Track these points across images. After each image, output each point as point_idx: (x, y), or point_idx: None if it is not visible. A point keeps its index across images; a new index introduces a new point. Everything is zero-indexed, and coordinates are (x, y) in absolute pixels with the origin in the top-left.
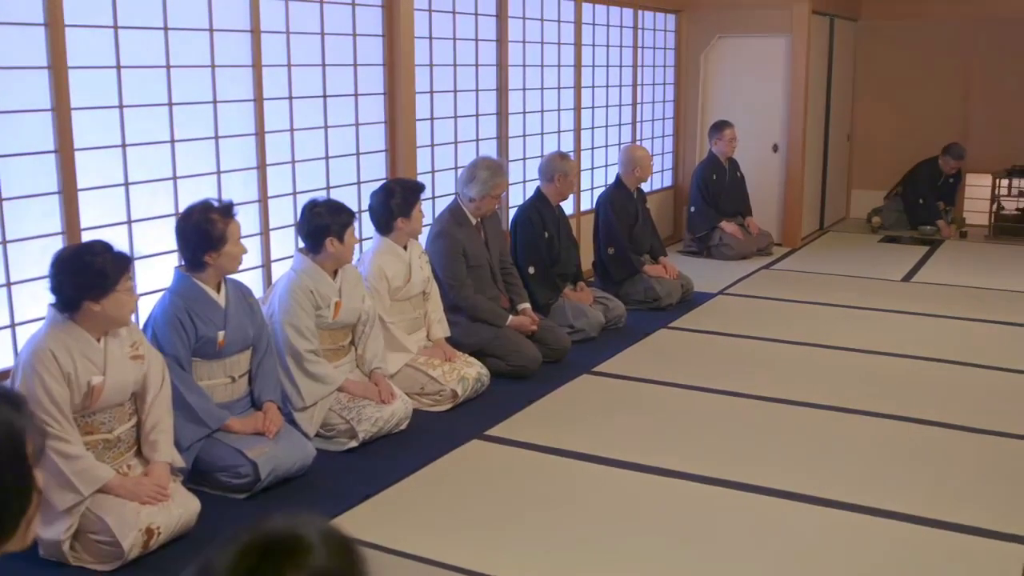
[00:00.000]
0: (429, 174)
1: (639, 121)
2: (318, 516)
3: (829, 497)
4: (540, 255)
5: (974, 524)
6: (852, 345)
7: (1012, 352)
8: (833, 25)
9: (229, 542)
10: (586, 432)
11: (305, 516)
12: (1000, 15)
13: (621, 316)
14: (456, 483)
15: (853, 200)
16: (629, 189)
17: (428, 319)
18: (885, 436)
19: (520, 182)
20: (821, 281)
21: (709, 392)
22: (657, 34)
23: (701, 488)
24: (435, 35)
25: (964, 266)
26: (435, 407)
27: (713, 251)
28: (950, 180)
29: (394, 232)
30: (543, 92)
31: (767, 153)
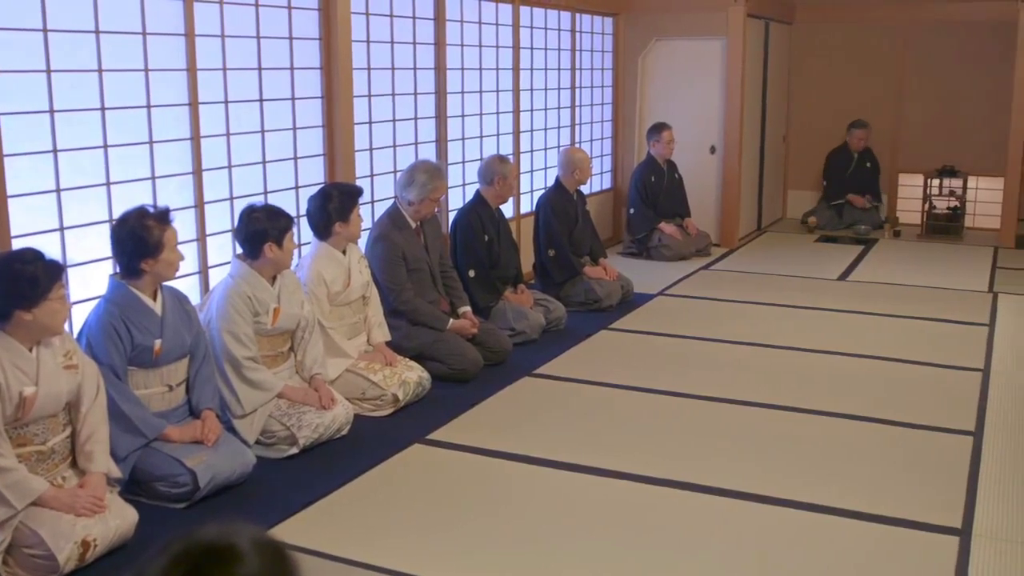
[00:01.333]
0: (368, 178)
1: (578, 124)
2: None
3: (768, 494)
4: (480, 258)
5: (910, 517)
6: (790, 344)
7: (945, 348)
8: (768, 28)
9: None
10: (528, 434)
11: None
12: (930, 19)
13: (561, 318)
14: (398, 488)
15: (789, 201)
16: (569, 191)
17: (368, 323)
18: (823, 433)
19: (459, 185)
20: (759, 281)
21: (650, 392)
22: (595, 37)
23: (643, 488)
24: (373, 39)
25: (898, 265)
26: (376, 412)
27: (652, 252)
28: (867, 165)
29: (332, 237)
30: (482, 95)
31: (705, 155)
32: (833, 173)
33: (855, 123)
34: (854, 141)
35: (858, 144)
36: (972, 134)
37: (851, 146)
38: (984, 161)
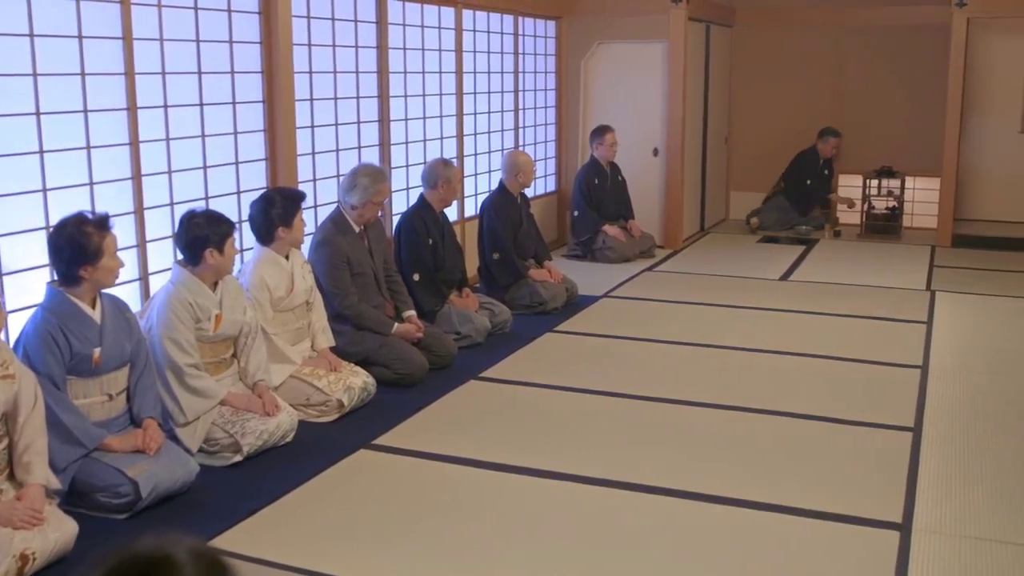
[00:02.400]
0: (311, 182)
1: (521, 127)
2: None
3: (712, 493)
4: (425, 262)
5: (851, 513)
6: (733, 344)
7: (884, 346)
8: (709, 31)
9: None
10: (474, 438)
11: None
12: (867, 23)
13: (507, 321)
14: (344, 494)
15: (732, 202)
16: (513, 194)
17: (312, 329)
18: (765, 432)
19: (403, 189)
20: (702, 282)
21: (596, 394)
22: (538, 40)
23: (590, 490)
24: (314, 42)
25: (838, 264)
26: (321, 418)
27: (597, 254)
28: (825, 172)
29: (275, 242)
30: (425, 99)
31: (648, 157)
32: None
33: (831, 132)
34: (826, 149)
35: (830, 152)
36: (909, 135)
37: (822, 152)
38: (921, 162)
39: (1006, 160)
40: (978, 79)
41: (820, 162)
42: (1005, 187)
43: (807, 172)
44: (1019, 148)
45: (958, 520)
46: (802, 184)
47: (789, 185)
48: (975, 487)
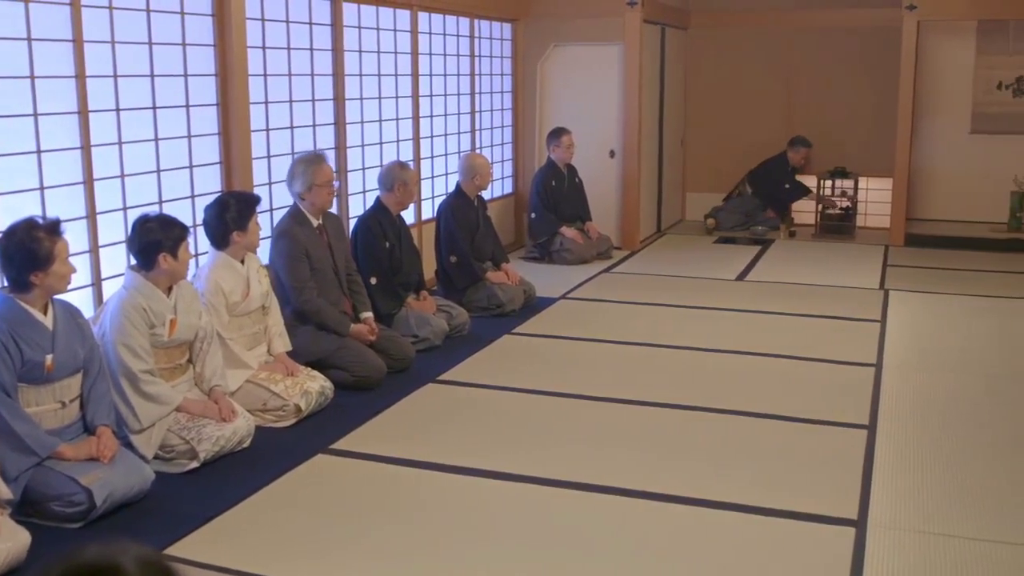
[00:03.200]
0: (266, 186)
1: (478, 129)
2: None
3: (671, 493)
4: (381, 265)
5: (807, 511)
6: (691, 344)
7: (839, 345)
8: (664, 33)
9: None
10: (433, 441)
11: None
12: (819, 25)
13: (465, 324)
14: (302, 499)
15: (688, 203)
16: (469, 197)
17: (269, 334)
18: (722, 431)
19: (360, 192)
20: (660, 282)
21: (554, 395)
22: (494, 43)
23: (549, 491)
24: (268, 45)
25: (793, 264)
26: (278, 423)
27: (554, 256)
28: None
29: (230, 246)
30: (381, 101)
31: (604, 159)
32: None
33: (802, 141)
34: (796, 158)
35: (799, 161)
36: (862, 136)
37: (791, 160)
38: (874, 162)
39: (956, 160)
40: (929, 81)
41: (789, 169)
42: (955, 187)
43: (780, 177)
44: (969, 149)
45: (913, 516)
46: (778, 188)
47: (761, 189)
48: (929, 483)
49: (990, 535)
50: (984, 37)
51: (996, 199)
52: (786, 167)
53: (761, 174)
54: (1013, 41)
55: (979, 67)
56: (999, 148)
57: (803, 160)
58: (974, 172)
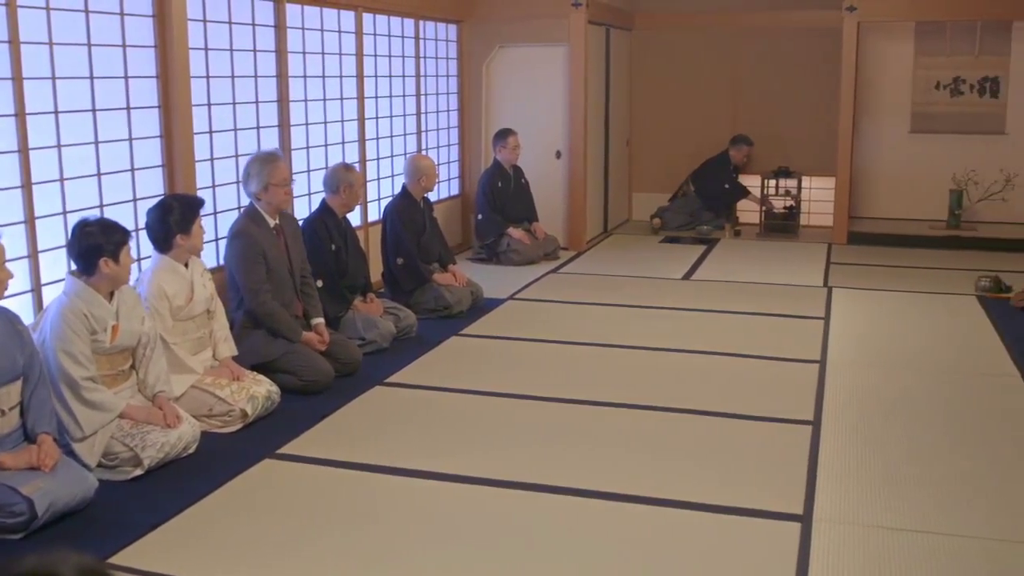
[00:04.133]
0: (210, 188)
1: (424, 131)
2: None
3: (619, 491)
4: (328, 267)
5: (754, 506)
6: (638, 343)
7: (784, 342)
8: (609, 35)
9: None
10: (381, 444)
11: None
12: (761, 26)
13: (412, 326)
14: (249, 505)
15: (635, 203)
16: (416, 199)
17: (214, 338)
18: (669, 429)
19: (305, 194)
20: (607, 282)
21: (503, 396)
22: (439, 44)
23: (499, 492)
24: (211, 46)
25: (738, 263)
26: (224, 428)
27: (501, 257)
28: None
29: (174, 249)
30: (326, 103)
31: (550, 160)
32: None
33: (744, 139)
34: (738, 156)
35: (741, 159)
36: (805, 136)
37: (733, 159)
38: (817, 162)
39: (897, 160)
40: (869, 81)
41: (731, 168)
42: (896, 186)
43: (721, 177)
44: (909, 148)
45: (857, 509)
46: (718, 188)
47: (703, 189)
48: (872, 477)
49: (932, 527)
50: (922, 38)
51: (935, 197)
52: (728, 165)
53: (703, 173)
54: (950, 42)
55: (918, 68)
56: (938, 147)
57: (745, 158)
58: (914, 171)
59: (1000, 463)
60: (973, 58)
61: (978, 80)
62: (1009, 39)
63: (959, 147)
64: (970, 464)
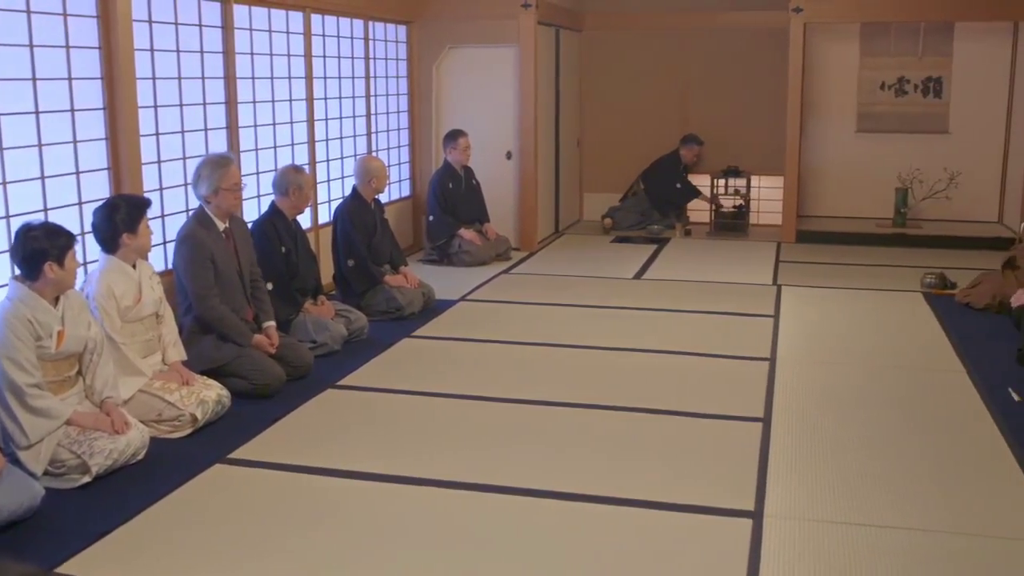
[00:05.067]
0: (157, 191)
1: (374, 132)
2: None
3: (574, 491)
4: (278, 270)
5: (706, 503)
6: (590, 343)
7: (734, 340)
8: (559, 35)
9: None
10: (334, 448)
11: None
12: (710, 26)
13: (363, 328)
14: (200, 511)
15: (586, 203)
16: (366, 200)
17: (163, 342)
18: (623, 428)
19: (255, 197)
20: (558, 282)
21: (455, 398)
22: (389, 45)
23: (453, 494)
24: (157, 47)
25: (689, 262)
26: (174, 433)
27: (453, 258)
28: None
29: (120, 249)
30: (274, 104)
31: (501, 160)
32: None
33: (694, 139)
34: (688, 155)
35: (691, 158)
36: (753, 136)
37: (684, 158)
38: (765, 161)
39: (844, 159)
40: (816, 82)
41: (681, 166)
42: (843, 185)
43: (672, 176)
44: (855, 147)
45: (807, 504)
46: (669, 188)
47: (653, 189)
48: (822, 472)
49: (881, 521)
50: (867, 39)
51: (882, 196)
52: (678, 165)
53: (654, 173)
54: (895, 43)
55: (863, 68)
56: (883, 147)
57: (695, 157)
58: (860, 170)
59: (946, 457)
60: (917, 59)
61: (922, 80)
62: (952, 40)
63: (904, 146)
64: (917, 458)
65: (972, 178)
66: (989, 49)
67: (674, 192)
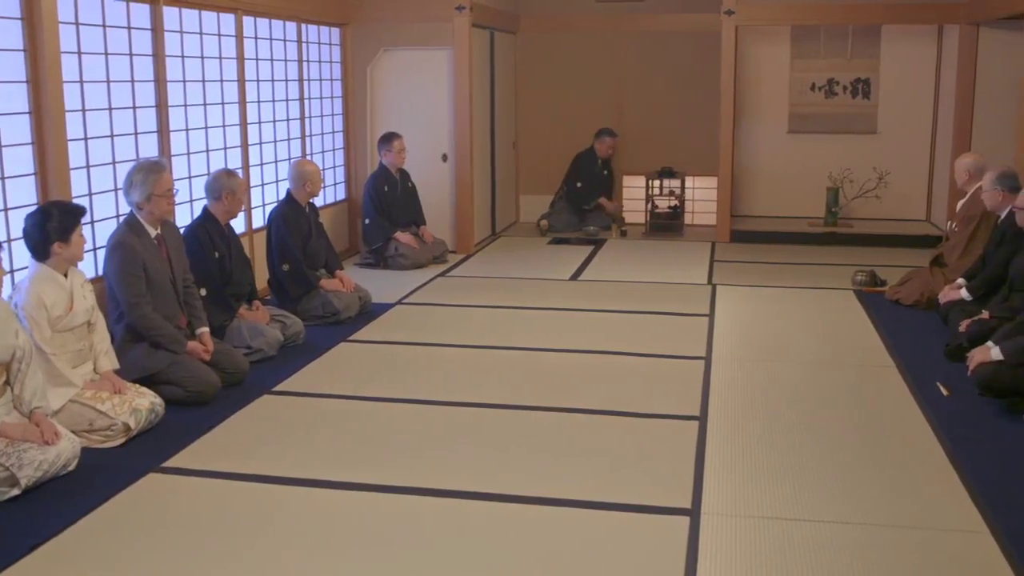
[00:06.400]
0: (86, 197)
1: (308, 135)
2: None
3: (513, 492)
4: (211, 276)
5: (644, 502)
6: (527, 344)
7: (670, 339)
8: (493, 38)
9: None
10: (271, 454)
11: None
12: (644, 29)
13: (300, 333)
14: (134, 522)
15: (522, 205)
16: (301, 204)
17: (95, 351)
18: (561, 429)
19: (187, 202)
20: (496, 284)
21: (393, 402)
22: (322, 48)
23: (391, 498)
24: (84, 50)
25: (625, 263)
26: (107, 443)
27: (389, 262)
28: (604, 172)
29: (52, 257)
30: (206, 108)
31: (437, 163)
32: (585, 175)
33: (606, 131)
34: (603, 148)
35: (606, 151)
36: (687, 136)
37: (599, 152)
38: (699, 162)
39: (776, 159)
40: (749, 83)
41: (599, 162)
42: (776, 185)
43: (583, 171)
44: (787, 148)
45: (742, 501)
46: (576, 181)
47: (568, 186)
48: (758, 468)
49: (815, 516)
50: (797, 42)
51: (813, 195)
52: (595, 159)
53: (571, 171)
54: (824, 45)
55: (794, 70)
56: (814, 147)
57: (610, 150)
58: (793, 170)
59: (878, 450)
60: (846, 61)
61: (851, 82)
62: (879, 42)
63: (835, 147)
64: (850, 452)
65: (900, 177)
66: (915, 51)
67: (575, 191)
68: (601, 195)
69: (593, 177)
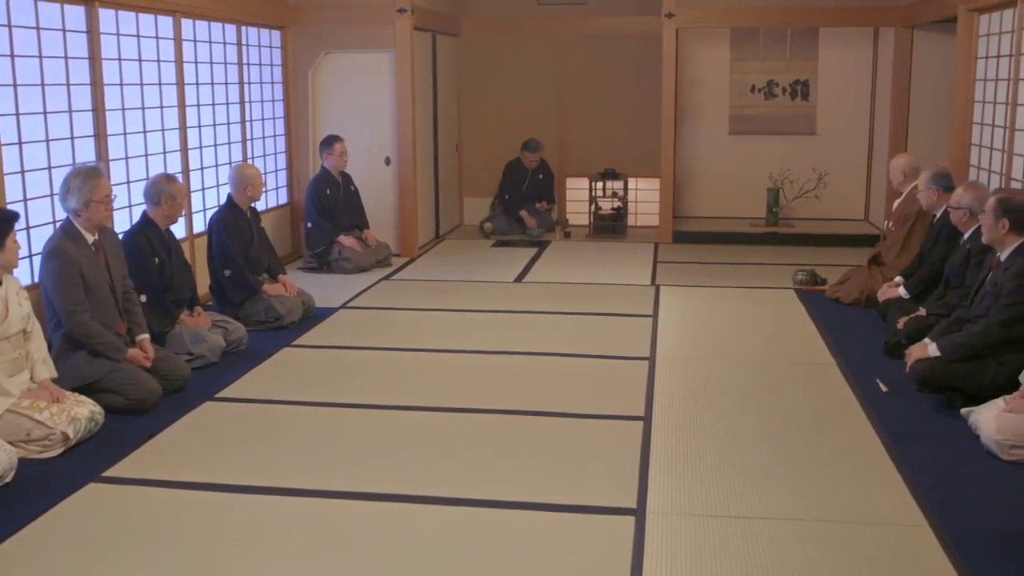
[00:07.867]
0: (20, 203)
1: (249, 139)
2: None
3: (458, 496)
4: (151, 281)
5: (589, 503)
6: (472, 347)
7: (614, 340)
8: (435, 40)
9: None
10: (214, 461)
11: None
12: (586, 32)
13: (242, 338)
14: (74, 534)
15: (466, 208)
16: (242, 209)
17: (31, 359)
18: (506, 431)
19: (125, 207)
20: (440, 287)
21: (338, 407)
22: (263, 50)
23: (335, 504)
24: (18, 53)
25: (569, 264)
26: (44, 453)
27: (333, 266)
28: (539, 176)
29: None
30: (144, 112)
31: (380, 166)
32: (510, 187)
33: (527, 146)
34: (527, 161)
35: (530, 164)
36: (630, 138)
37: (525, 162)
38: (642, 163)
39: (717, 161)
40: (689, 85)
41: (528, 171)
42: (718, 186)
43: (510, 182)
44: (728, 149)
45: (688, 500)
46: (504, 193)
47: (499, 195)
48: (702, 467)
49: (759, 513)
50: (737, 44)
51: (754, 196)
52: (523, 169)
53: (502, 179)
54: (764, 48)
55: (734, 72)
56: (755, 148)
57: (535, 162)
58: (734, 171)
59: (820, 447)
60: (785, 63)
61: (790, 83)
62: (817, 44)
63: (775, 148)
64: (792, 450)
65: (839, 178)
66: (852, 54)
67: (504, 202)
68: (523, 208)
69: (518, 188)
